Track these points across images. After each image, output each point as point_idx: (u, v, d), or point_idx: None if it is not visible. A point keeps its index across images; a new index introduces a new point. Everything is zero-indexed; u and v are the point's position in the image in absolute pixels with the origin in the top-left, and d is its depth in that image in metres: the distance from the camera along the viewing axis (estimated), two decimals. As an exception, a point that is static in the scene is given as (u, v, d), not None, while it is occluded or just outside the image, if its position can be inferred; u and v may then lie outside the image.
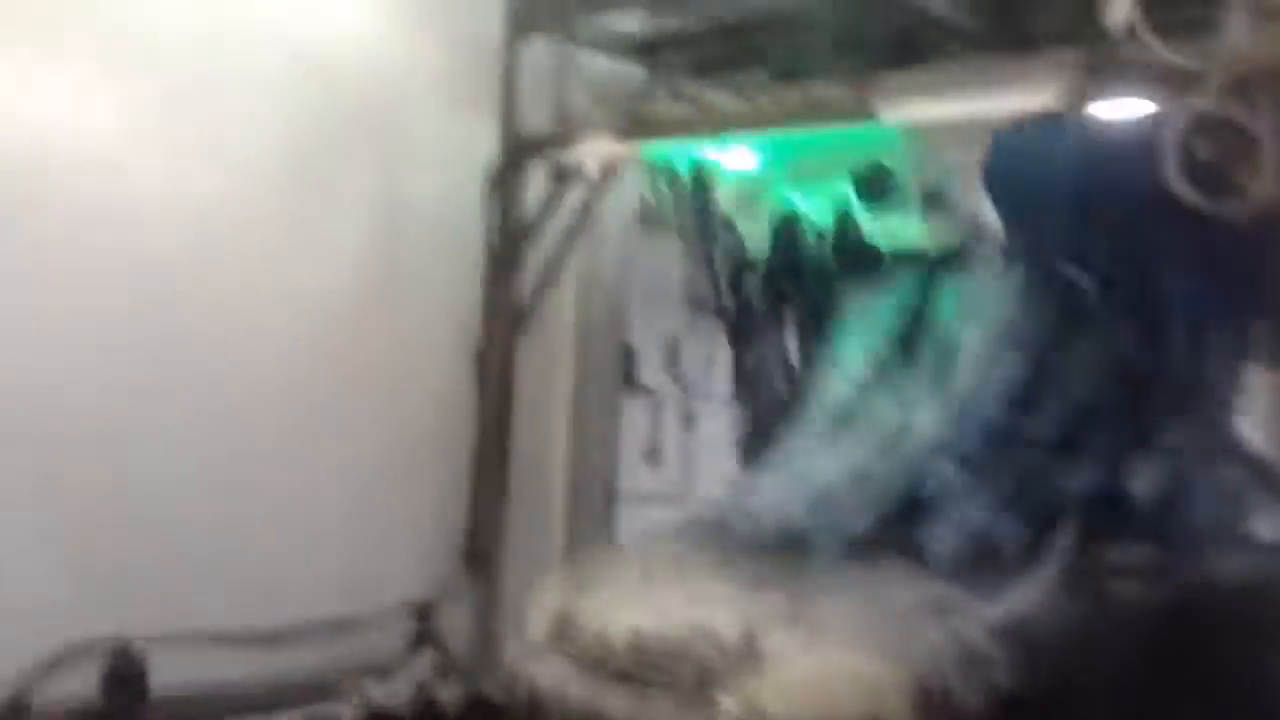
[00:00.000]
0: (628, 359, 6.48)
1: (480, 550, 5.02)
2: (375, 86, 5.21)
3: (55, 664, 3.98)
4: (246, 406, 4.82)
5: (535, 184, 5.24)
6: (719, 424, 5.91)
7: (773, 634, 3.26)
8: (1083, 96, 3.42)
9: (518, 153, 5.17)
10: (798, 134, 4.08)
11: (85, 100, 4.38)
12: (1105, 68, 3.42)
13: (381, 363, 5.21)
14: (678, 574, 3.77)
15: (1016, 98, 3.53)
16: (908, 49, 5.03)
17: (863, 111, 3.75)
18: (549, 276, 5.30)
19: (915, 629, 3.23)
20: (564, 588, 3.86)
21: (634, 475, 6.05)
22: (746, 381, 5.15)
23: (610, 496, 5.86)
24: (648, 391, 6.38)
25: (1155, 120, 3.28)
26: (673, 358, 6.19)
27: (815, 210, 4.56)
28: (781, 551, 3.94)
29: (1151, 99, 3.38)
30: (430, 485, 5.30)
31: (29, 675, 3.95)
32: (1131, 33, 3.36)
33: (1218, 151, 3.29)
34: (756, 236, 5.11)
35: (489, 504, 5.16)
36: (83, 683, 4.18)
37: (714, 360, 5.89)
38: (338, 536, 5.03)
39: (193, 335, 4.68)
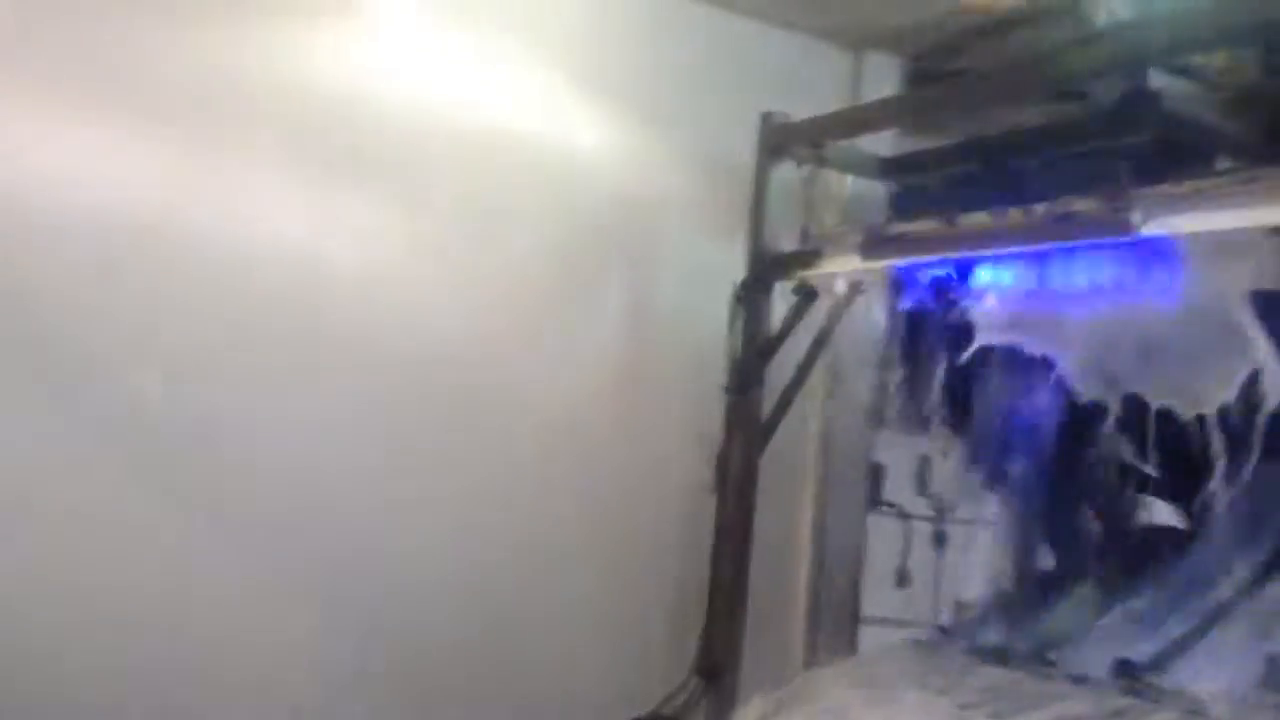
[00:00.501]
0: (875, 477, 6.39)
1: (716, 668, 4.99)
2: (629, 203, 5.53)
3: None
4: (490, 510, 5.10)
5: (782, 302, 5.34)
6: (971, 546, 5.73)
7: None
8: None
9: (764, 270, 5.29)
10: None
11: (380, 224, 4.89)
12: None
13: (625, 476, 5.41)
14: (884, 693, 3.60)
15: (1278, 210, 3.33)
16: (1174, 161, 4.91)
17: (1119, 226, 3.63)
18: (791, 392, 5.34)
19: None
20: (764, 707, 3.76)
21: (880, 597, 5.93)
22: None
23: (853, 617, 5.73)
24: (897, 511, 6.26)
25: None
26: (923, 477, 6.06)
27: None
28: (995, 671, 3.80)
29: None
30: (669, 600, 5.38)
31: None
32: None
33: None
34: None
35: (726, 621, 5.14)
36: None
37: (966, 480, 5.71)
38: (577, 653, 5.19)
39: (452, 435, 5.03)
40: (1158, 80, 4.21)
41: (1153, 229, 3.58)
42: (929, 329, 4.66)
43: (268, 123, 4.61)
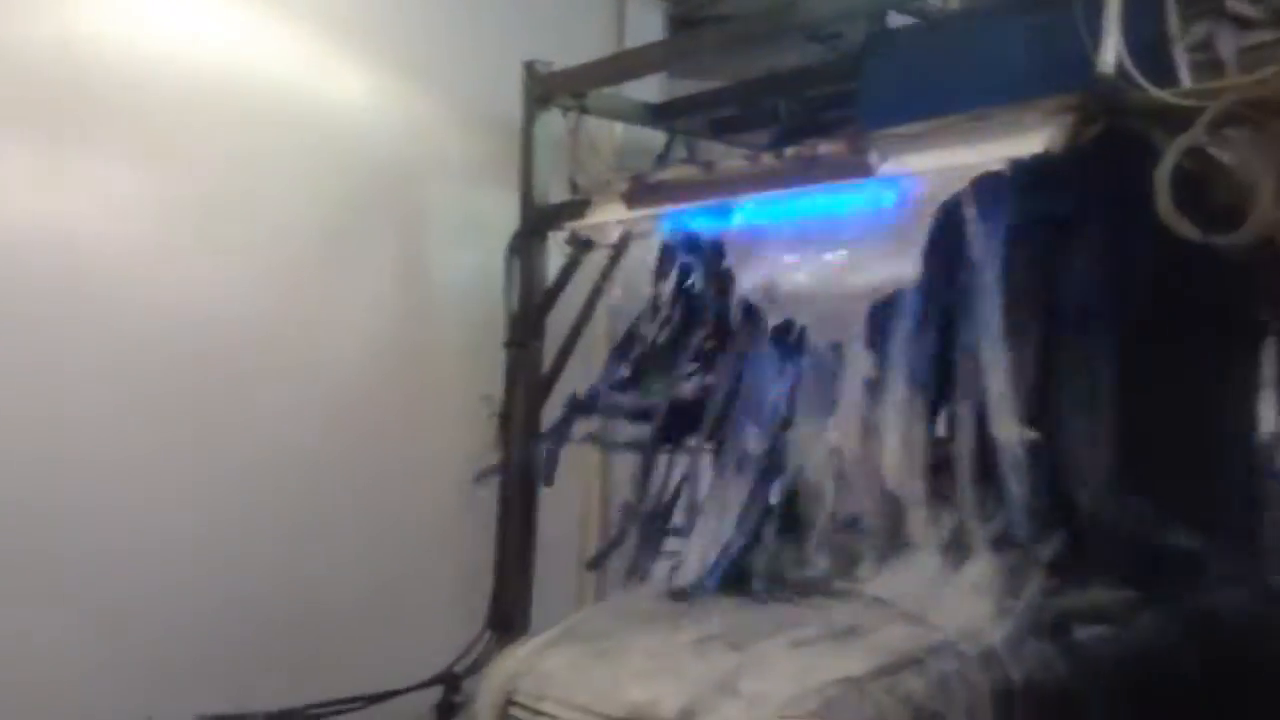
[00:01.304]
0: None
1: (507, 621, 5.02)
2: (398, 161, 5.43)
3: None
4: (273, 485, 4.95)
5: (557, 253, 5.34)
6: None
7: (713, 711, 3.14)
8: (1076, 139, 3.41)
9: (535, 222, 5.27)
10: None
11: (118, 188, 4.60)
12: (1098, 110, 3.41)
13: (406, 434, 5.35)
14: (638, 636, 3.65)
15: (1012, 144, 3.52)
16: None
17: (860, 167, 3.77)
18: (570, 343, 5.36)
19: (861, 694, 3.07)
20: (515, 662, 3.74)
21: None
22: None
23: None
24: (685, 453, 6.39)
25: (1149, 157, 3.26)
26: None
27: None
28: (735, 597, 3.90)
29: (1145, 137, 3.36)
30: (456, 557, 5.37)
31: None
32: (1121, 75, 3.37)
33: (1210, 185, 3.27)
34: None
35: (516, 575, 5.18)
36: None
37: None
38: (366, 612, 5.13)
39: (223, 411, 4.83)
40: (897, 22, 4.37)
41: (890, 169, 3.73)
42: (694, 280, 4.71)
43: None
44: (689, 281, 4.62)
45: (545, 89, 5.28)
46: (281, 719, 4.59)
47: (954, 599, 3.53)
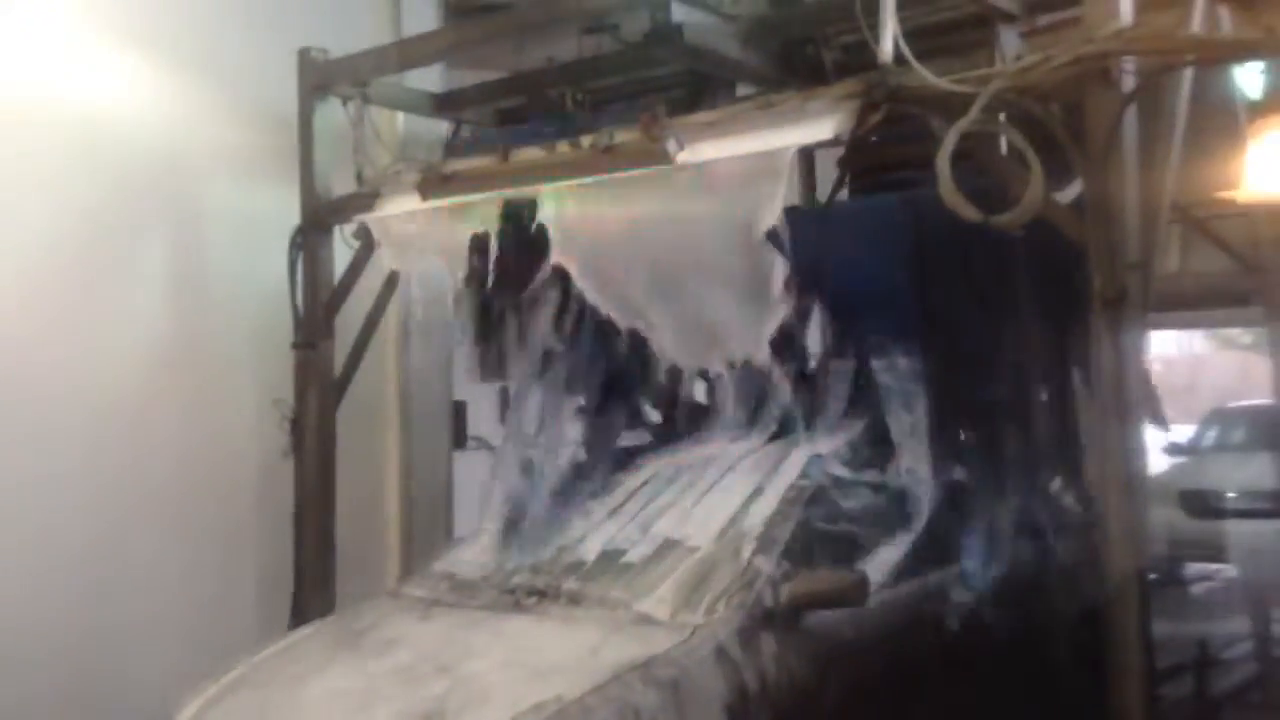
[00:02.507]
0: (460, 415, 6.39)
1: (310, 614, 4.81)
2: (171, 159, 5.08)
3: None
4: (52, 497, 4.57)
5: (343, 249, 5.14)
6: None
7: None
8: (862, 125, 3.56)
9: (320, 217, 5.06)
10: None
11: None
12: (881, 97, 3.57)
13: (192, 445, 5.03)
14: (328, 671, 3.39)
15: (802, 131, 3.65)
16: (702, 92, 5.24)
17: (658, 155, 3.81)
18: (363, 340, 5.19)
19: (584, 712, 2.94)
20: (208, 697, 3.47)
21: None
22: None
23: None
24: (483, 444, 6.32)
25: (930, 142, 3.44)
26: (505, 411, 6.11)
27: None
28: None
29: (925, 122, 3.54)
30: (256, 555, 5.13)
31: None
32: (901, 62, 3.54)
33: (988, 168, 3.49)
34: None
35: (317, 577, 4.98)
36: None
37: (554, 411, 5.83)
38: (167, 616, 4.85)
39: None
40: (680, 13, 4.43)
41: (687, 156, 3.78)
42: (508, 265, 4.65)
43: None
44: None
45: (322, 77, 5.08)
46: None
47: (679, 588, 3.46)
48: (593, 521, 3.97)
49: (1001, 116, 3.47)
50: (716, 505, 3.79)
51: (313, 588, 4.98)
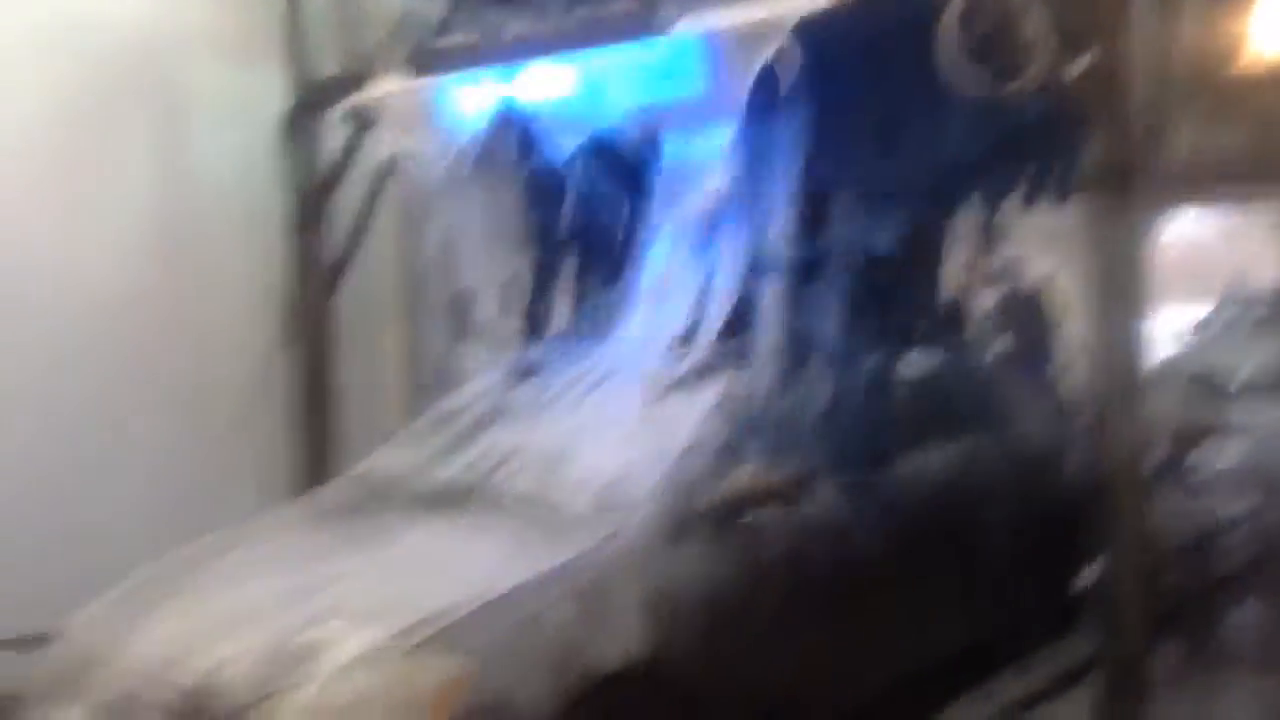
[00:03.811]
0: (465, 305, 6.30)
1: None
2: (152, 40, 4.89)
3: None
4: (41, 395, 4.53)
5: (336, 130, 5.01)
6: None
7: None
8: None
9: (310, 99, 4.93)
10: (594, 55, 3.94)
11: None
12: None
13: (182, 334, 4.94)
14: (230, 573, 3.18)
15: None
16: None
17: (651, 26, 3.66)
18: (360, 226, 5.10)
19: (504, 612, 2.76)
20: (104, 614, 3.19)
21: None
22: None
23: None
24: (493, 336, 6.23)
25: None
26: (515, 298, 6.03)
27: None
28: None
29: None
30: (253, 451, 5.05)
31: None
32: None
33: (993, 32, 3.32)
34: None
35: (316, 460, 4.98)
36: None
37: (557, 296, 5.74)
38: (160, 507, 4.78)
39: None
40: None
41: (682, 27, 3.63)
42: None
43: None
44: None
45: (309, -50, 4.88)
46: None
47: (604, 487, 3.25)
48: (530, 414, 3.79)
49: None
50: (653, 399, 3.58)
51: (312, 481, 4.97)
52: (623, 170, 4.34)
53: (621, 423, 3.53)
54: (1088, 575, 3.79)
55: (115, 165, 4.83)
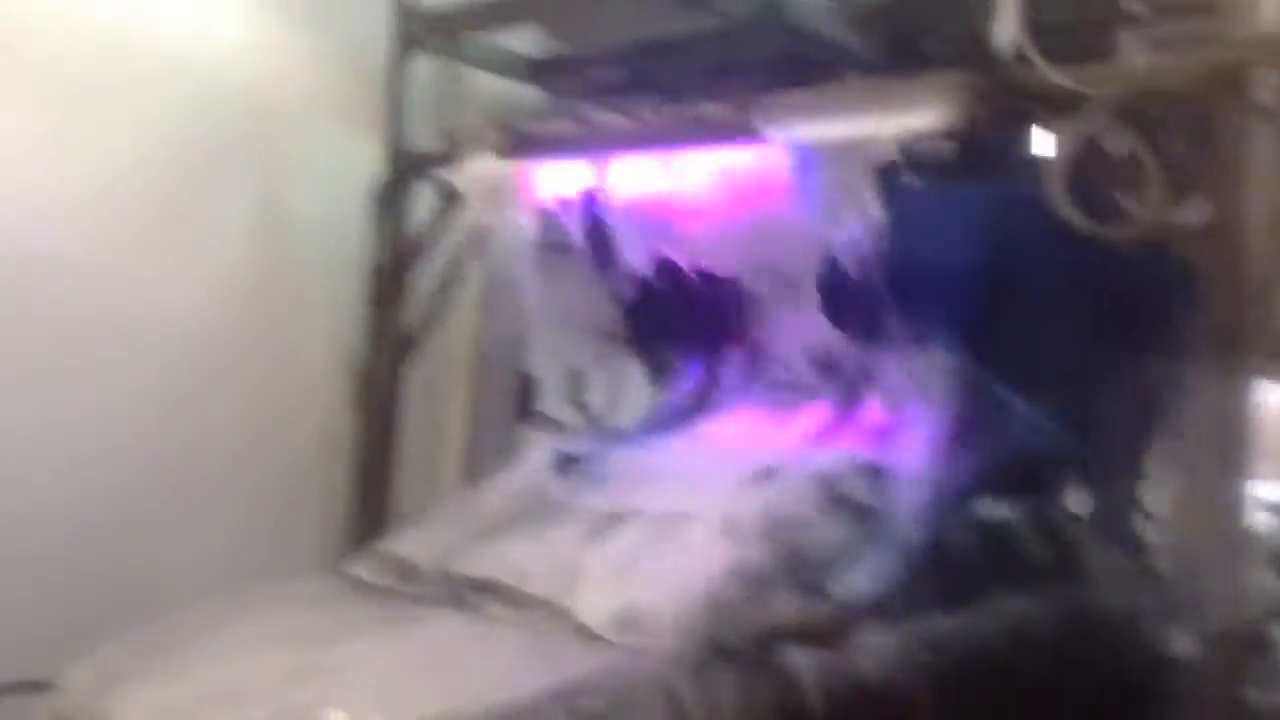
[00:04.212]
0: (528, 389, 6.27)
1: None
2: (257, 99, 5.00)
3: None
4: (114, 439, 4.56)
5: (424, 204, 5.05)
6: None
7: None
8: (968, 118, 3.32)
9: (404, 170, 4.98)
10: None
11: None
12: (992, 90, 3.33)
13: (256, 387, 4.97)
14: (244, 640, 3.09)
15: (900, 119, 3.43)
16: (804, 73, 5.00)
17: (746, 130, 3.62)
18: (438, 300, 5.10)
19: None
20: (101, 670, 3.09)
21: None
22: None
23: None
24: (550, 423, 6.19)
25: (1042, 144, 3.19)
26: (576, 388, 5.99)
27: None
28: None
29: (1039, 122, 3.29)
30: (310, 513, 5.04)
31: None
32: (1019, 55, 3.29)
33: (1103, 176, 3.22)
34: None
35: (370, 531, 4.91)
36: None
37: (621, 391, 5.69)
38: (214, 561, 4.74)
39: (57, 351, 4.42)
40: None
41: (775, 133, 3.59)
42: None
43: None
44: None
45: (416, 28, 4.97)
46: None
47: (629, 602, 3.06)
48: (563, 512, 3.63)
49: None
50: (700, 505, 3.40)
51: (364, 542, 4.91)
52: (700, 275, 4.28)
53: (659, 536, 3.34)
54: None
55: (211, 216, 4.91)
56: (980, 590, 3.57)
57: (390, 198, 5.03)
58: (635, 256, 4.46)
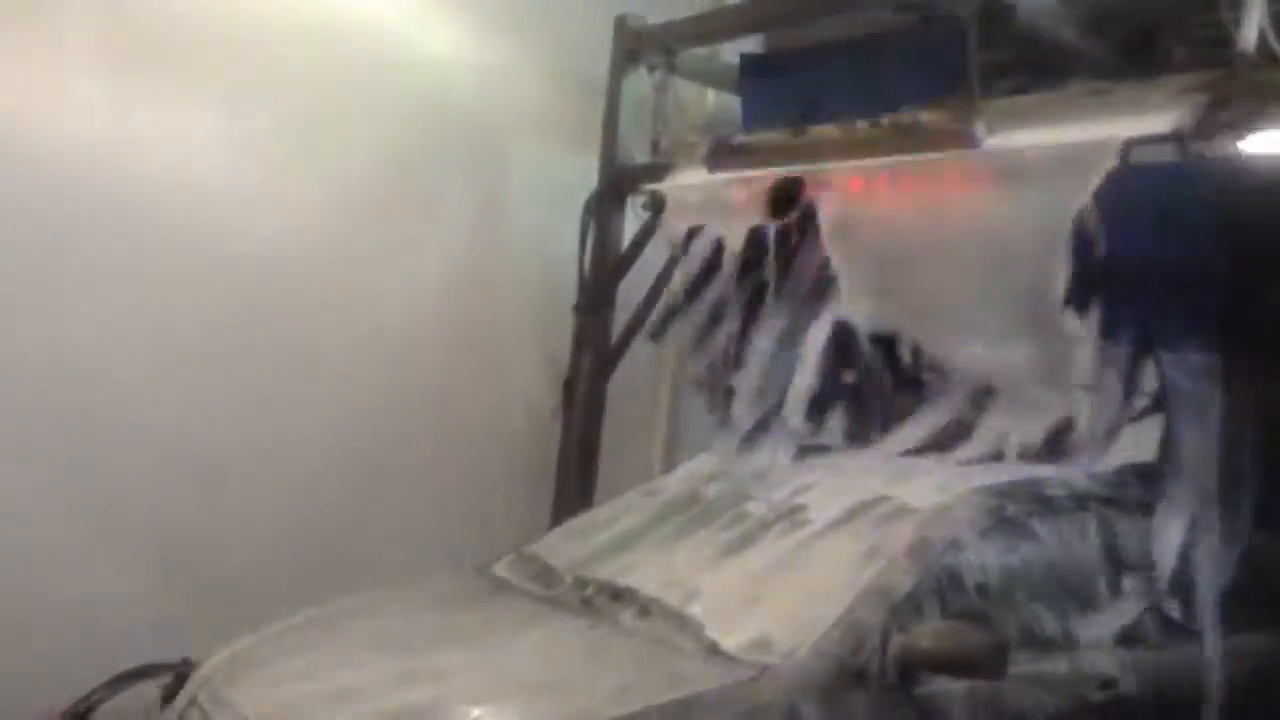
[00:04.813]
0: (728, 399, 6.23)
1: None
2: (480, 116, 5.23)
3: (125, 678, 3.90)
4: (332, 430, 4.82)
5: (635, 217, 5.13)
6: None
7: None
8: (1206, 124, 3.09)
9: (616, 184, 5.07)
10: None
11: (197, 117, 4.49)
12: (1233, 94, 3.09)
13: (470, 398, 5.17)
14: (370, 636, 3.10)
15: (1134, 123, 3.22)
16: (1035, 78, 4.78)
17: (964, 138, 3.49)
18: (643, 313, 5.15)
19: None
20: (216, 660, 3.17)
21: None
22: None
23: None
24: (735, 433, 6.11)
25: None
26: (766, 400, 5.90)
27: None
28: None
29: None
30: (515, 516, 5.15)
31: (99, 689, 3.91)
32: (1266, 55, 3.05)
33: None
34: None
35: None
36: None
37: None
38: (423, 558, 4.91)
39: (281, 354, 4.72)
40: (1004, -5, 4.04)
41: (996, 141, 3.45)
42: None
43: (70, 15, 4.16)
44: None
45: (635, 43, 5.06)
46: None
47: (761, 619, 2.83)
48: (713, 515, 3.45)
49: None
50: (856, 523, 3.15)
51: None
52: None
53: (802, 551, 3.12)
54: None
55: (435, 220, 5.16)
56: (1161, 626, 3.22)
57: (601, 209, 5.13)
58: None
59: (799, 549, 3.11)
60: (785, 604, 2.90)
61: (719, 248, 4.42)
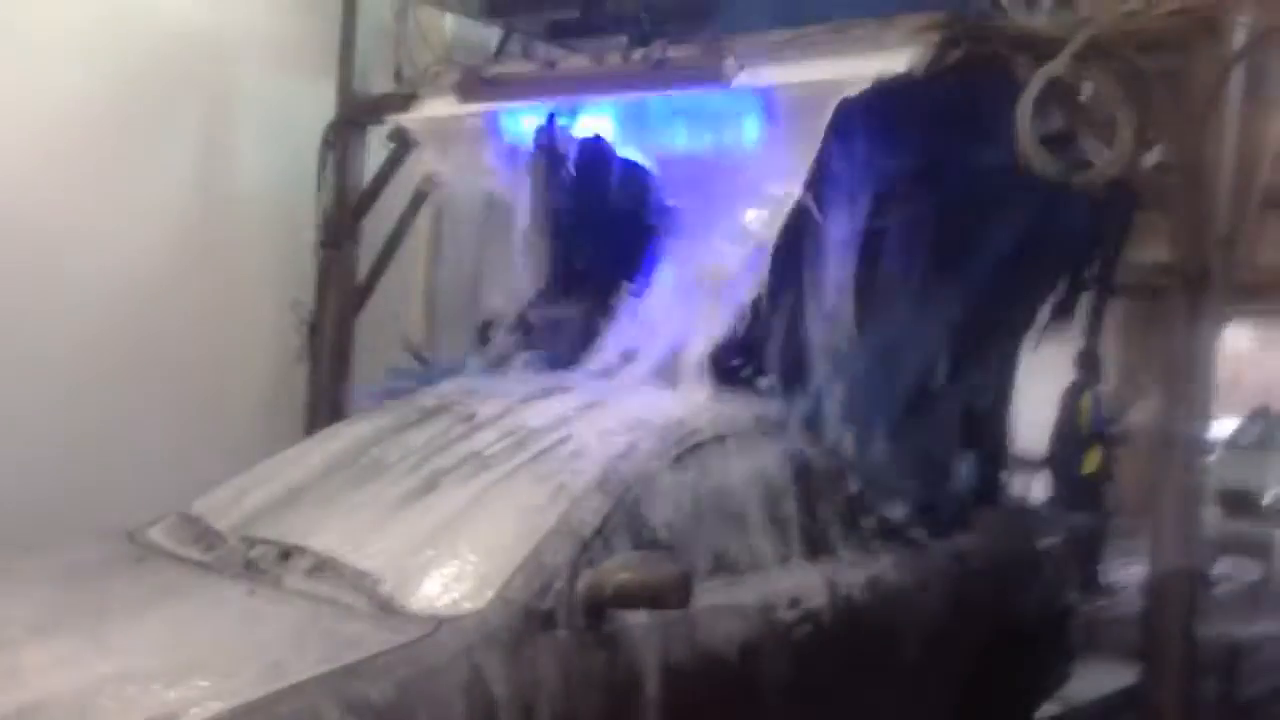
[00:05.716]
0: (485, 331, 6.16)
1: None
2: (204, 39, 4.83)
3: None
4: (59, 383, 4.42)
5: (377, 149, 4.92)
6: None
7: None
8: (938, 61, 3.27)
9: (355, 115, 4.85)
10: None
11: None
12: (962, 33, 3.28)
13: (204, 334, 4.85)
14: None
15: (869, 62, 3.36)
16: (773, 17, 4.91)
17: (713, 74, 3.54)
18: (391, 246, 4.99)
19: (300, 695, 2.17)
20: None
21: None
22: None
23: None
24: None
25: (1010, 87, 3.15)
26: (521, 330, 5.88)
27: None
28: None
29: (1007, 65, 3.25)
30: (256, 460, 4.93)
31: None
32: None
33: (1070, 120, 3.21)
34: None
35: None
36: None
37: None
38: (156, 496, 4.60)
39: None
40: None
41: (747, 79, 3.52)
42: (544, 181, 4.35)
43: None
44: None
45: (371, -35, 4.83)
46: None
47: (436, 570, 2.62)
48: (391, 462, 3.13)
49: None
50: (542, 462, 2.94)
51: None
52: (650, 212, 4.14)
53: (482, 493, 2.88)
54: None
55: (157, 162, 4.76)
56: (852, 541, 3.35)
57: (340, 141, 4.90)
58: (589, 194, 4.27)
59: (484, 493, 2.87)
60: (469, 552, 2.68)
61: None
